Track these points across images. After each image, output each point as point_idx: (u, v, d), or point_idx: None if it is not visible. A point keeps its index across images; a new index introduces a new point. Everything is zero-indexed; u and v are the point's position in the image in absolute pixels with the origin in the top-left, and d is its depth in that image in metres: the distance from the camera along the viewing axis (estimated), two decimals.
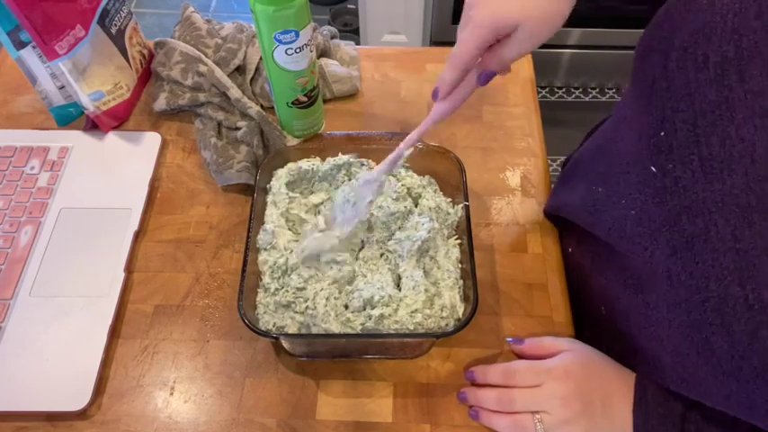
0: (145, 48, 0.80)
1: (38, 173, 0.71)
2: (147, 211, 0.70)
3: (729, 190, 0.40)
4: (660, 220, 0.47)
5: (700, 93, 0.41)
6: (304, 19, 0.61)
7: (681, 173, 0.44)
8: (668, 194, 0.45)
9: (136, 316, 0.63)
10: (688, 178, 0.43)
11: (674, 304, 0.46)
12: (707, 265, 0.42)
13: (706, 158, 0.41)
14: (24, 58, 0.68)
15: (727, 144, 0.40)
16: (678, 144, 0.44)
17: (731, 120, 0.40)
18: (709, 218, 0.42)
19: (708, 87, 0.41)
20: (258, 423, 0.57)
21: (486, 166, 0.74)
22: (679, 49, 0.42)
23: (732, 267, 0.40)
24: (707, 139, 0.41)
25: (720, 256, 0.41)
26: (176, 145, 0.76)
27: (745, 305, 0.39)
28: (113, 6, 0.72)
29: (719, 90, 0.40)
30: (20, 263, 0.64)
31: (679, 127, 0.43)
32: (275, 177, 0.65)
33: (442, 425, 0.56)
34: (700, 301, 0.43)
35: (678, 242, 0.45)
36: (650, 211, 0.48)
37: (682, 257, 0.44)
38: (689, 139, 0.42)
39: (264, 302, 0.58)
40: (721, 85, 0.40)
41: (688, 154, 0.43)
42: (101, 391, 0.58)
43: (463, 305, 0.57)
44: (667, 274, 0.46)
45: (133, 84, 0.78)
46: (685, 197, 0.44)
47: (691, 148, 0.42)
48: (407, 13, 1.74)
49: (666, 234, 0.46)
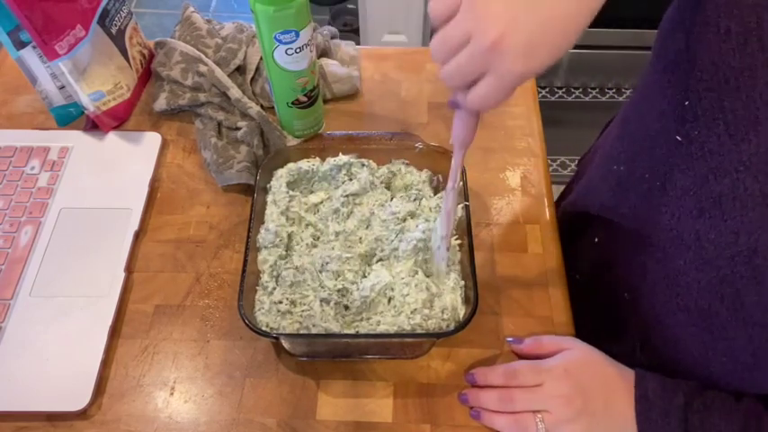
0: (145, 48, 0.80)
1: (38, 173, 0.71)
2: (147, 211, 0.70)
3: (756, 150, 0.42)
4: (686, 186, 0.48)
5: (723, 61, 0.43)
6: (304, 19, 0.61)
7: (706, 138, 0.46)
8: (694, 160, 0.47)
9: (136, 316, 0.63)
10: (714, 142, 0.45)
11: (703, 263, 0.48)
12: (735, 222, 0.44)
13: (731, 122, 0.43)
14: (24, 58, 0.68)
15: (751, 107, 0.42)
16: (703, 111, 0.46)
17: (754, 85, 0.42)
18: (737, 177, 0.43)
19: (731, 56, 0.43)
20: (258, 423, 0.57)
21: (486, 166, 0.74)
22: (702, 24, 0.45)
23: (761, 220, 0.42)
24: (731, 104, 0.43)
25: (749, 212, 0.43)
26: (176, 145, 0.76)
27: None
28: (113, 6, 0.72)
29: (742, 58, 0.42)
30: (20, 263, 0.64)
31: (703, 95, 0.45)
32: (275, 177, 0.65)
33: (442, 425, 0.56)
34: (729, 257, 0.45)
35: (706, 203, 0.46)
36: (675, 178, 0.49)
37: (711, 216, 0.46)
38: (713, 105, 0.44)
39: (264, 302, 0.58)
40: (744, 53, 0.42)
41: (713, 119, 0.45)
42: (101, 391, 0.58)
43: (463, 305, 0.57)
44: (695, 236, 0.48)
45: (133, 84, 0.78)
46: (711, 160, 0.45)
47: (715, 113, 0.44)
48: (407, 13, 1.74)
49: (693, 197, 0.48)
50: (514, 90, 0.42)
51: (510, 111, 0.79)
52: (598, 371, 0.54)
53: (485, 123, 0.77)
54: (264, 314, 0.57)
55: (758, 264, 0.43)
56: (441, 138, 0.75)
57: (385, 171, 0.67)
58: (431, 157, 0.66)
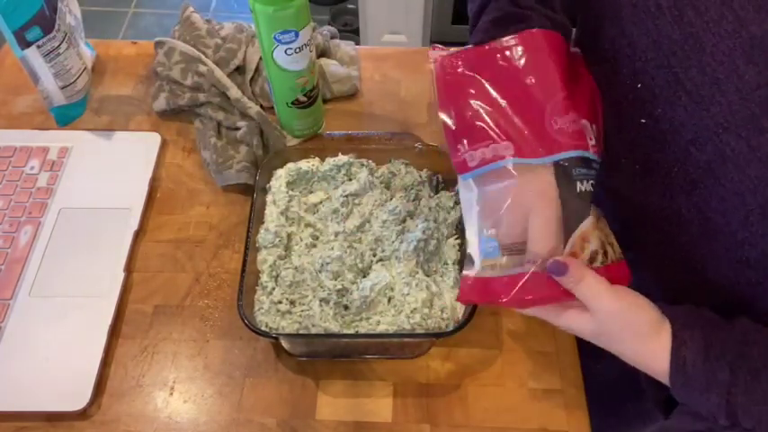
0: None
1: (37, 173, 0.71)
2: (146, 211, 0.70)
3: (729, 108, 0.42)
4: (668, 164, 0.48)
5: (664, 36, 0.44)
6: (304, 19, 0.62)
7: (672, 113, 0.46)
8: (668, 138, 0.47)
9: (136, 316, 0.63)
10: (682, 115, 0.45)
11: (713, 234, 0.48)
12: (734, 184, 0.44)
13: (693, 91, 0.44)
14: (29, 57, 0.68)
15: (707, 71, 0.43)
16: (660, 89, 0.46)
17: (702, 50, 0.42)
18: (720, 139, 0.43)
19: (670, 29, 0.44)
20: (258, 423, 0.57)
21: None
22: (630, 6, 0.46)
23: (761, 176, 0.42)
24: (686, 74, 0.44)
25: (745, 170, 0.43)
26: (176, 145, 0.76)
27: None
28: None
29: (681, 28, 0.43)
30: (19, 263, 0.64)
31: (654, 73, 0.46)
32: (275, 177, 0.65)
33: (441, 425, 0.56)
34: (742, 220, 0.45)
35: (695, 175, 0.46)
36: (654, 159, 0.50)
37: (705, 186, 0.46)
38: (668, 80, 0.45)
39: (263, 302, 0.58)
40: (681, 23, 0.43)
41: (673, 93, 0.45)
42: (101, 391, 0.58)
43: (463, 305, 0.57)
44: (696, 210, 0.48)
45: None
46: (686, 132, 0.46)
47: (673, 87, 0.45)
48: (407, 13, 1.74)
49: (680, 173, 0.48)
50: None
51: None
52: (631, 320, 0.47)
53: None
54: (264, 314, 0.57)
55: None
56: (440, 138, 0.75)
57: (384, 171, 0.67)
58: (430, 157, 0.66)
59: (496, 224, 0.48)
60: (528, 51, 0.49)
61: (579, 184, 0.47)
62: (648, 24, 0.45)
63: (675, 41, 0.44)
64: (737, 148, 0.43)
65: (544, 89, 0.48)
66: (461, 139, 0.50)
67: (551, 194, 0.47)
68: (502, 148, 0.48)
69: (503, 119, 0.48)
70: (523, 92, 0.48)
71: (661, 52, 0.45)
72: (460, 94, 0.50)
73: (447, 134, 0.50)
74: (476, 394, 0.58)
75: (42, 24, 0.67)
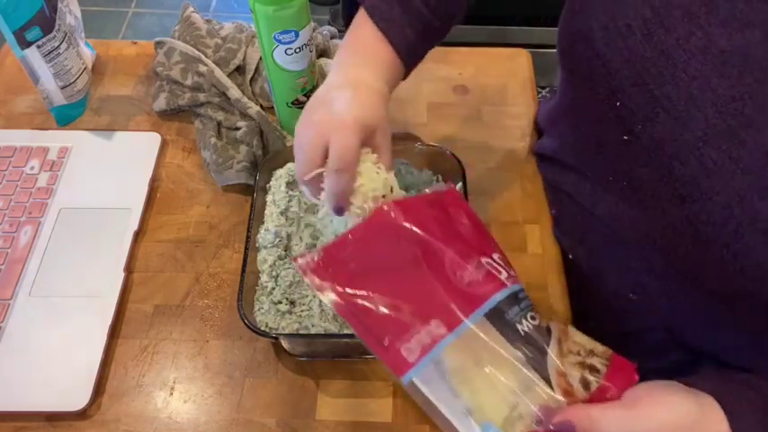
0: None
1: (37, 173, 0.71)
2: (146, 211, 0.70)
3: (705, 122, 0.43)
4: (653, 179, 0.49)
5: (636, 55, 0.45)
6: (304, 19, 0.62)
7: (652, 129, 0.47)
8: (650, 153, 0.48)
9: (136, 316, 0.63)
10: (662, 130, 0.46)
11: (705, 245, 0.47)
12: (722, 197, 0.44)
13: (669, 107, 0.45)
14: (29, 57, 0.69)
15: (682, 87, 0.43)
16: (637, 106, 0.47)
17: (674, 66, 0.43)
18: (701, 153, 0.44)
19: (641, 48, 0.45)
20: (258, 423, 0.57)
21: (486, 165, 0.74)
22: (601, 30, 0.47)
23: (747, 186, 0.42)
24: (661, 90, 0.45)
25: (730, 182, 0.43)
26: (176, 145, 0.76)
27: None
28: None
29: (652, 46, 0.44)
30: (19, 263, 0.64)
31: (630, 92, 0.47)
32: (275, 177, 0.65)
33: None
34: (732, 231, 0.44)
35: (683, 190, 0.46)
36: (638, 174, 0.50)
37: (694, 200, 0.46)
38: (645, 97, 0.46)
39: (263, 302, 0.58)
40: (652, 41, 0.44)
41: (651, 110, 0.46)
42: (101, 391, 0.58)
43: None
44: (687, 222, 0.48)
45: None
46: (669, 147, 0.46)
47: (651, 104, 0.46)
48: None
49: (667, 187, 0.48)
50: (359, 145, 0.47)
51: (510, 111, 0.79)
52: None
53: (485, 123, 0.78)
54: (264, 314, 0.57)
55: (763, 228, 0.42)
56: (440, 138, 0.75)
57: None
58: (430, 157, 0.66)
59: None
60: (389, 228, 0.45)
61: (520, 326, 0.43)
62: (620, 44, 0.46)
63: (648, 59, 0.45)
64: (719, 162, 0.43)
65: (431, 254, 0.44)
66: (382, 336, 0.42)
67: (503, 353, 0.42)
68: (433, 328, 0.42)
69: (409, 300, 0.43)
70: (412, 264, 0.44)
71: (635, 71, 0.46)
72: (349, 294, 0.43)
73: (360, 333, 0.42)
74: None
75: (42, 24, 0.67)
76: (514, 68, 0.83)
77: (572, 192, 0.63)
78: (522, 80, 0.82)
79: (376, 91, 0.51)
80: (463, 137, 0.76)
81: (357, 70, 0.52)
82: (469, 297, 0.43)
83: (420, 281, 0.44)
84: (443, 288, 0.43)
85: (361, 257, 0.45)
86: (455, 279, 0.44)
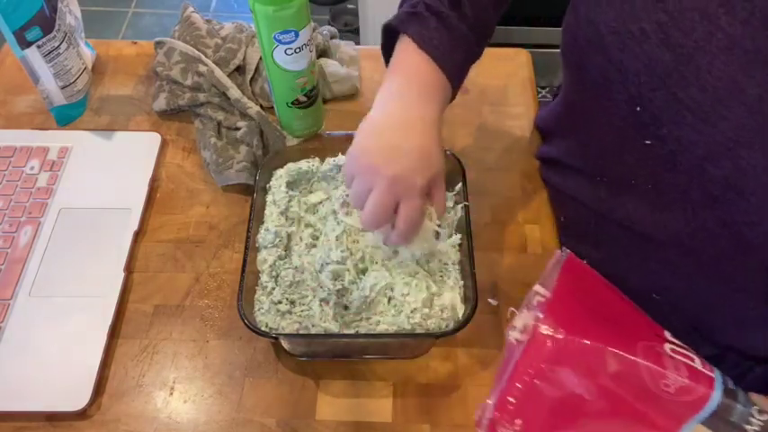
0: None
1: (37, 173, 0.71)
2: (146, 211, 0.70)
3: (737, 122, 0.42)
4: (681, 182, 0.48)
5: (655, 59, 0.44)
6: (304, 19, 0.62)
7: (679, 131, 0.45)
8: (678, 156, 0.47)
9: (136, 316, 0.63)
10: (690, 132, 0.45)
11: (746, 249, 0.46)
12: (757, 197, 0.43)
13: (696, 110, 0.43)
14: (29, 57, 0.69)
15: (708, 89, 0.42)
16: (660, 110, 0.46)
17: (698, 68, 0.42)
18: (735, 154, 0.43)
19: (659, 51, 0.43)
20: (258, 423, 0.57)
21: (486, 166, 0.74)
22: (612, 34, 0.46)
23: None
24: (686, 93, 0.43)
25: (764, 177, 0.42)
26: (176, 145, 0.76)
27: None
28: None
29: (671, 49, 0.43)
30: (19, 263, 0.64)
31: (651, 96, 0.46)
32: (275, 177, 0.65)
33: (441, 425, 0.56)
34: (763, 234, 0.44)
35: (715, 190, 0.46)
36: (665, 178, 0.49)
37: (725, 201, 0.45)
38: (668, 100, 0.45)
39: (263, 302, 0.58)
40: (670, 45, 0.43)
41: (675, 113, 0.45)
42: (101, 391, 0.58)
43: (463, 305, 0.57)
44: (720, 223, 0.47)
45: None
46: (698, 149, 0.45)
47: (675, 107, 0.44)
48: None
49: (698, 189, 0.47)
50: (425, 203, 0.51)
51: (510, 111, 0.79)
52: None
53: (485, 123, 0.78)
54: (264, 314, 0.57)
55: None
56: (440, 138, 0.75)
57: None
58: None
59: None
60: (558, 357, 0.39)
61: (749, 426, 0.38)
62: (636, 49, 0.45)
63: (668, 63, 0.43)
64: (754, 161, 0.42)
65: (621, 376, 0.38)
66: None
67: None
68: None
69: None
70: (604, 395, 0.38)
71: (655, 75, 0.45)
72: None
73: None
74: (476, 394, 0.58)
75: (42, 24, 0.67)
76: (514, 68, 0.83)
77: (584, 197, 0.62)
78: (522, 80, 0.82)
79: (437, 129, 0.52)
80: (463, 137, 0.76)
81: (417, 103, 0.52)
82: (683, 407, 0.38)
83: (625, 414, 0.38)
84: (653, 412, 0.38)
85: (541, 404, 0.39)
86: (661, 392, 0.38)
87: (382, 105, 0.53)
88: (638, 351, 0.38)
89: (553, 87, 2.04)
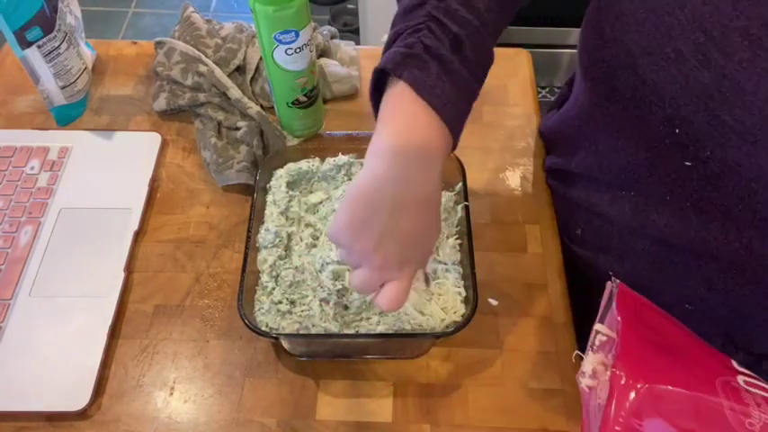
0: None
1: (38, 173, 0.71)
2: (146, 211, 0.70)
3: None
4: (727, 204, 0.46)
5: (694, 81, 0.42)
6: (304, 19, 0.62)
7: (723, 154, 0.43)
8: (722, 178, 0.45)
9: (136, 316, 0.63)
10: (736, 154, 0.42)
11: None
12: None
13: (743, 132, 0.41)
14: (29, 57, 0.69)
15: (755, 111, 0.40)
16: (702, 133, 0.43)
17: (743, 90, 0.40)
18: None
19: (698, 73, 0.41)
20: (258, 423, 0.57)
21: (485, 166, 0.74)
22: (645, 56, 0.43)
23: None
24: (731, 115, 0.41)
25: None
26: (176, 145, 0.76)
27: None
28: None
29: (711, 71, 0.41)
30: (20, 263, 0.64)
31: (692, 118, 0.43)
32: (275, 177, 0.65)
33: (441, 425, 0.56)
34: None
35: (765, 211, 0.44)
36: (707, 198, 0.47)
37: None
38: (711, 123, 0.42)
39: (263, 302, 0.58)
40: (710, 67, 0.41)
41: (720, 135, 0.42)
42: (101, 391, 0.58)
43: (463, 305, 0.57)
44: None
45: None
46: (745, 172, 0.43)
47: (719, 130, 0.42)
48: None
49: (744, 212, 0.45)
50: (411, 283, 0.49)
51: (510, 111, 0.79)
52: None
53: (485, 123, 0.78)
54: (264, 314, 0.57)
55: None
56: None
57: None
58: None
59: None
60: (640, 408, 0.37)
61: None
62: (673, 71, 0.42)
63: (708, 86, 0.41)
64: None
65: (707, 418, 0.37)
66: None
67: None
68: None
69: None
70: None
71: (694, 97, 0.42)
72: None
73: None
74: (476, 394, 0.58)
75: (42, 24, 0.67)
76: (514, 68, 0.83)
77: (609, 212, 0.59)
78: (522, 80, 0.82)
79: (437, 200, 0.48)
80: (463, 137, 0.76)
81: (414, 168, 0.46)
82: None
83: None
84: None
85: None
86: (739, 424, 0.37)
87: (372, 168, 0.45)
88: (718, 391, 0.38)
89: (553, 88, 2.04)
